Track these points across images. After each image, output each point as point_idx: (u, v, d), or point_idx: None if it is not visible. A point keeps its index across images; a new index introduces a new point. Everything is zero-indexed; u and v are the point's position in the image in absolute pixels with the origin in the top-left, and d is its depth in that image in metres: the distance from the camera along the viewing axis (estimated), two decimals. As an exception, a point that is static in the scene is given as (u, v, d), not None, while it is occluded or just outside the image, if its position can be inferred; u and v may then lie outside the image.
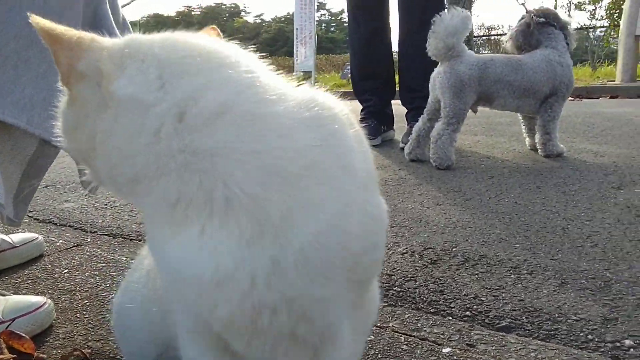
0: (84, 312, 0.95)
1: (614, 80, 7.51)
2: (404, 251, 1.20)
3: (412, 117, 2.62)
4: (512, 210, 1.48)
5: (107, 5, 0.91)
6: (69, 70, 0.43)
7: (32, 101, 0.79)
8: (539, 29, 2.22)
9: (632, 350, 0.77)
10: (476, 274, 1.06)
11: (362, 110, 2.88)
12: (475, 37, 13.42)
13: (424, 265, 1.12)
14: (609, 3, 10.20)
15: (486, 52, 14.58)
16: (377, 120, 2.78)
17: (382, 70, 2.80)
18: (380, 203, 0.48)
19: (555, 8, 2.87)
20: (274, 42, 49.74)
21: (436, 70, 2.17)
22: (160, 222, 0.42)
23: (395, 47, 2.89)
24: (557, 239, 1.24)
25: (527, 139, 2.43)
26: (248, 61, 0.45)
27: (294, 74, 10.80)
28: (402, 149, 2.38)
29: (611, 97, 6.12)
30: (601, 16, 11.49)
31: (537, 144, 2.25)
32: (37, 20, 0.43)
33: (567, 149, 2.34)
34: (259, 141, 0.40)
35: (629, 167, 1.94)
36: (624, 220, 1.36)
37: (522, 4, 2.35)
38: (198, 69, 0.42)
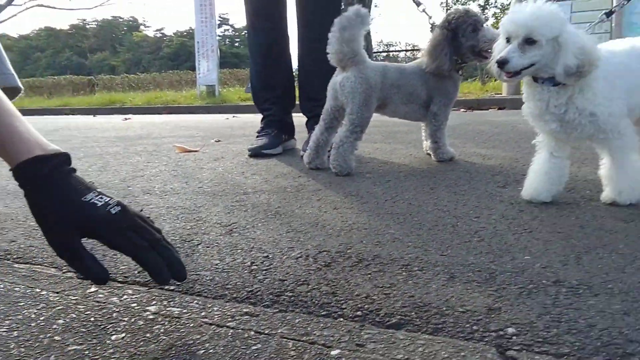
0: None
1: (501, 93, 8.13)
2: (298, 255, 1.16)
3: (312, 125, 2.62)
4: (406, 211, 1.50)
5: None
6: None
7: None
8: None
9: (514, 337, 0.78)
10: (369, 274, 1.05)
11: (262, 120, 2.85)
12: (375, 53, 13.92)
13: (318, 268, 1.09)
14: (493, 25, 11.09)
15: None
16: (277, 130, 2.76)
17: (282, 80, 2.79)
18: None
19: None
20: (177, 56, 48.65)
21: (341, 75, 2.12)
22: None
23: (294, 56, 2.89)
24: (447, 236, 1.26)
25: (424, 142, 2.50)
26: None
27: (196, 87, 10.59)
28: (303, 157, 2.37)
29: (499, 109, 6.59)
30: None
31: (429, 151, 2.34)
32: None
33: (458, 153, 2.45)
34: None
35: (513, 168, 2.06)
36: (508, 215, 1.42)
37: (423, 10, 2.38)
38: None
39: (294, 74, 2.91)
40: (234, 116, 6.56)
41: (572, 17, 7.39)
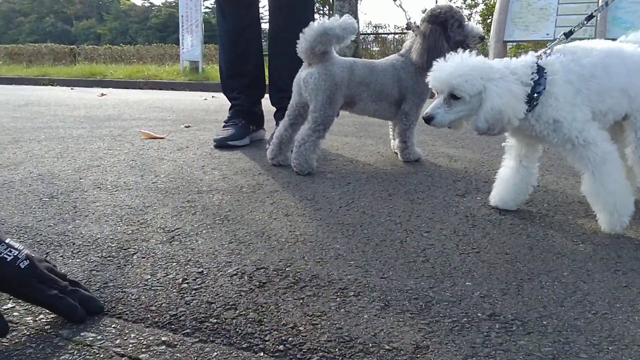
0: None
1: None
2: (234, 272, 1.12)
3: (280, 117, 2.55)
4: (357, 221, 1.46)
5: None
6: None
7: None
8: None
9: (434, 383, 0.75)
10: (302, 298, 1.01)
11: (230, 109, 2.77)
12: (362, 34, 13.76)
13: (251, 289, 1.04)
14: (482, 9, 10.91)
15: (375, 50, 15.04)
16: (245, 120, 2.69)
17: (251, 68, 2.70)
18: None
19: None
20: (165, 27, 47.73)
21: (306, 71, 2.05)
22: None
23: (265, 44, 2.81)
24: (392, 254, 1.22)
25: (392, 140, 2.46)
26: None
27: (180, 63, 10.38)
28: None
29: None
30: (477, 21, 12.32)
31: (396, 150, 2.29)
32: None
33: (426, 153, 2.41)
34: None
35: (477, 174, 2.02)
36: (459, 231, 1.38)
37: (400, 6, 2.31)
38: None
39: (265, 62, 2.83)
40: (213, 96, 6.44)
41: (559, 8, 7.33)
